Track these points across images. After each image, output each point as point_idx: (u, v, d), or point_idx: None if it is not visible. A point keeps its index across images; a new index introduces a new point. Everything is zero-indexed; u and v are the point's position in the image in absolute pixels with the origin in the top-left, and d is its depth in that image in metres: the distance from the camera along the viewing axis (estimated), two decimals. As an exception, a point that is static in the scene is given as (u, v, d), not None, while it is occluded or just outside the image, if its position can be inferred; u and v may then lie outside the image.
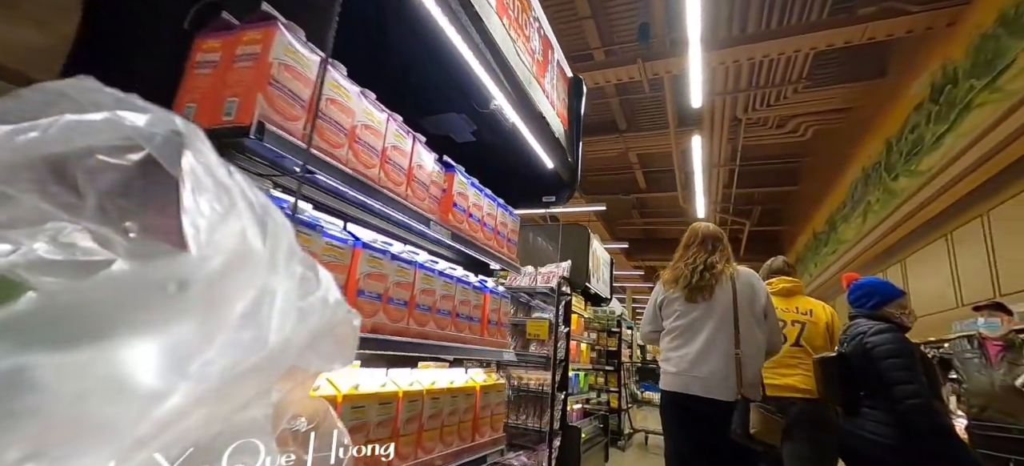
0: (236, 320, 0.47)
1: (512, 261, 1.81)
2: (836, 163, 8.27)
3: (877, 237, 6.53)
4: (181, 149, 0.49)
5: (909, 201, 5.44)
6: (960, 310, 5.06)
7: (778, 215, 13.56)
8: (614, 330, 6.38)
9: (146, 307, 0.41)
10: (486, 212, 1.69)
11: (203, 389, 0.43)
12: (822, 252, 9.58)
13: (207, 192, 0.48)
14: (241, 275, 0.49)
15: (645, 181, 13.01)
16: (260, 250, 0.51)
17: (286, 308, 0.52)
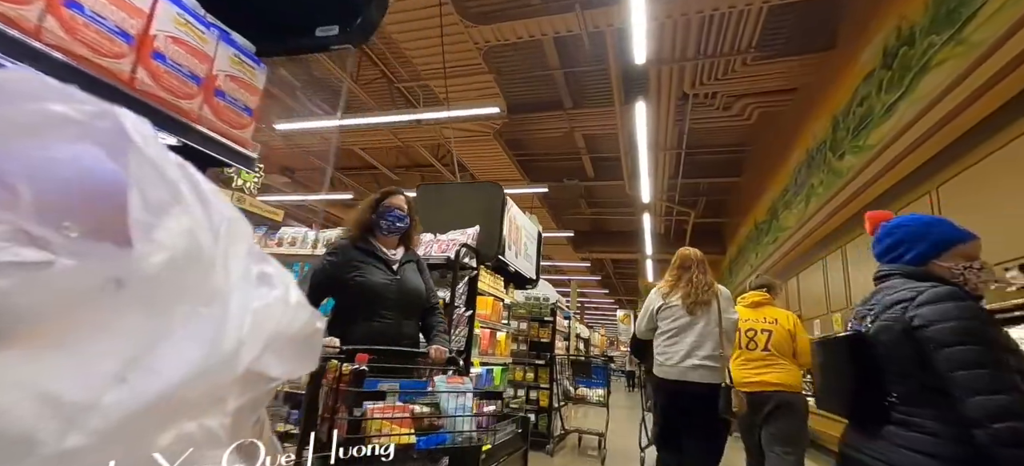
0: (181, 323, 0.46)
1: (244, 150, 0.93)
2: (780, 149, 8.05)
3: (819, 221, 6.26)
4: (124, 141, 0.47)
5: (855, 180, 5.12)
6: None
7: (721, 207, 13.57)
8: (547, 319, 5.67)
9: (78, 308, 0.40)
10: (168, 32, 0.81)
11: (140, 398, 0.41)
12: (763, 242, 9.44)
13: (153, 187, 0.47)
14: (188, 275, 0.48)
15: (593, 169, 12.51)
16: (211, 249, 0.50)
17: (240, 310, 0.51)
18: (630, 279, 22.83)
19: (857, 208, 5.49)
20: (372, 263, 2.02)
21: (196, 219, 0.49)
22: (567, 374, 5.54)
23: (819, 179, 6.17)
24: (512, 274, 3.89)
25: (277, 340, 0.56)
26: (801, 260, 8.12)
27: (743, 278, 11.36)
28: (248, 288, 0.53)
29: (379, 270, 2.02)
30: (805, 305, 8.04)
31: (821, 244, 7.01)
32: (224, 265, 0.51)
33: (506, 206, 3.35)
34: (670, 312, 2.43)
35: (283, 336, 0.57)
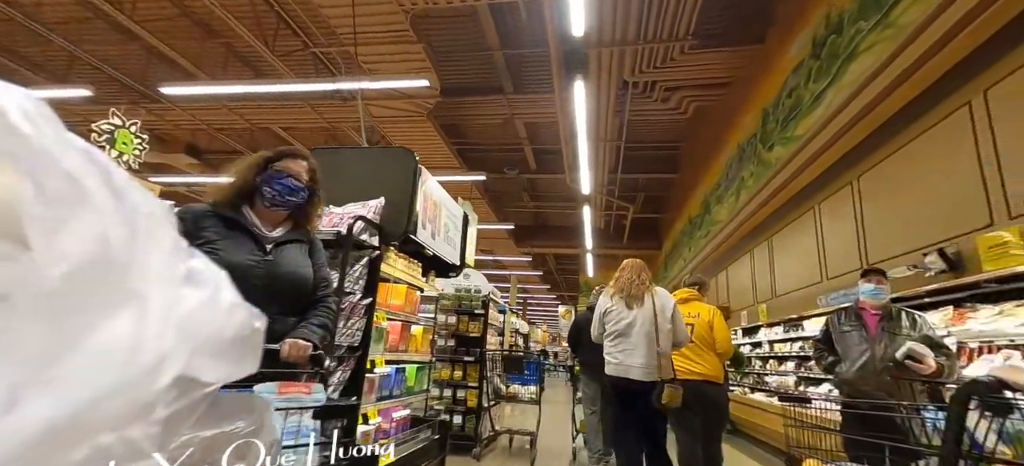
0: (89, 335, 0.44)
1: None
2: (713, 144, 8.20)
3: (749, 213, 6.35)
4: (18, 131, 0.43)
5: (783, 171, 5.17)
6: (825, 284, 4.87)
7: (659, 203, 13.89)
8: (478, 312, 5.24)
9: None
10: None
11: (36, 423, 0.39)
12: (696, 236, 9.66)
13: (54, 184, 0.44)
14: (97, 281, 0.45)
15: (535, 161, 12.27)
16: (125, 249, 0.48)
17: (162, 316, 0.49)
18: (572, 275, 23.06)
19: (785, 198, 5.59)
20: (234, 237, 1.48)
21: (106, 216, 0.46)
22: (498, 371, 5.15)
23: (750, 171, 6.26)
24: (431, 259, 3.41)
25: (210, 343, 0.54)
26: (730, 253, 8.34)
27: (677, 272, 11.65)
28: (172, 289, 0.51)
29: (243, 247, 1.48)
30: (734, 297, 8.27)
31: (749, 236, 7.18)
32: (143, 266, 0.48)
33: (420, 176, 2.86)
34: (613, 315, 2.76)
35: (217, 339, 0.55)
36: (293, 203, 1.54)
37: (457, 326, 5.15)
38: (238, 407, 0.75)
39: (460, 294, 5.33)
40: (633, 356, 2.59)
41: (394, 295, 3.12)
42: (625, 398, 2.67)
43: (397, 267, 3.04)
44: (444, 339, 5.18)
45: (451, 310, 5.21)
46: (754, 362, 7.27)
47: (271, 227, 1.56)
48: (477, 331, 5.16)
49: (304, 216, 1.63)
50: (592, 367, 4.17)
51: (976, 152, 2.94)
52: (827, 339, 3.10)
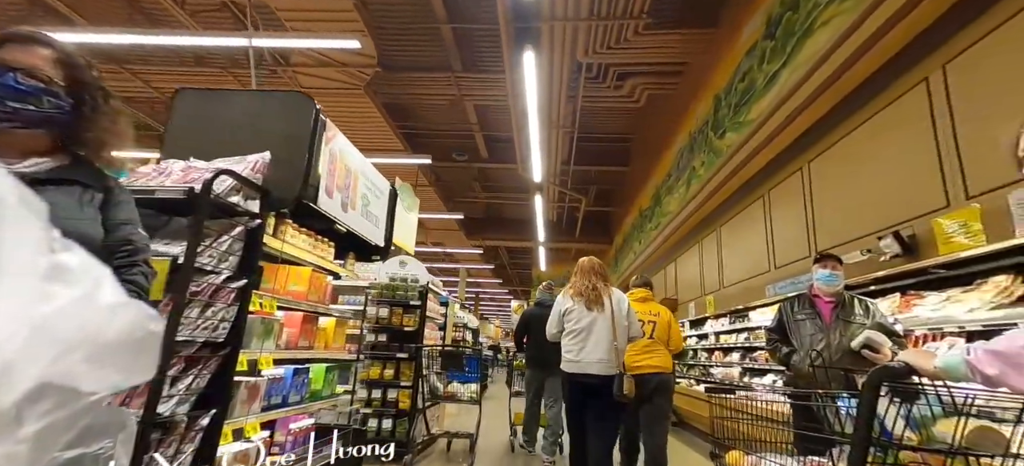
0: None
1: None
2: (665, 135, 8.10)
3: (699, 203, 6.25)
4: None
5: (734, 157, 5.04)
6: (773, 273, 4.78)
7: (610, 196, 13.88)
8: (414, 303, 4.70)
9: None
10: None
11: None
12: (646, 229, 9.60)
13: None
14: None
15: (487, 149, 11.79)
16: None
17: (12, 317, 0.44)
18: (525, 270, 22.85)
19: (735, 186, 5.49)
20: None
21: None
22: (436, 368, 4.64)
23: (701, 160, 6.15)
24: (346, 238, 2.85)
25: (86, 348, 0.49)
26: (680, 246, 8.31)
27: (628, 265, 11.63)
28: (30, 287, 0.46)
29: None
30: (682, 290, 8.25)
31: (699, 227, 7.12)
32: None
33: (323, 130, 2.30)
34: (573, 315, 2.84)
35: (95, 342, 0.50)
36: (30, 116, 0.96)
37: (389, 319, 4.59)
38: (109, 424, 0.66)
39: (395, 284, 4.77)
40: (594, 353, 2.74)
41: (294, 279, 2.54)
42: (584, 393, 2.79)
43: (297, 244, 2.47)
44: (374, 334, 4.60)
45: (383, 301, 4.64)
46: (700, 354, 7.24)
47: (15, 157, 0.98)
48: (412, 324, 4.62)
49: (78, 141, 1.06)
50: (537, 362, 4.36)
51: (933, 131, 2.81)
52: (780, 328, 2.88)
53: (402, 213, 5.63)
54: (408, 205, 5.73)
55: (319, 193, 2.24)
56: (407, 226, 5.83)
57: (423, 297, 4.77)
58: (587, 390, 2.73)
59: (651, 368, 3.16)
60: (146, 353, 0.55)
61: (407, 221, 5.82)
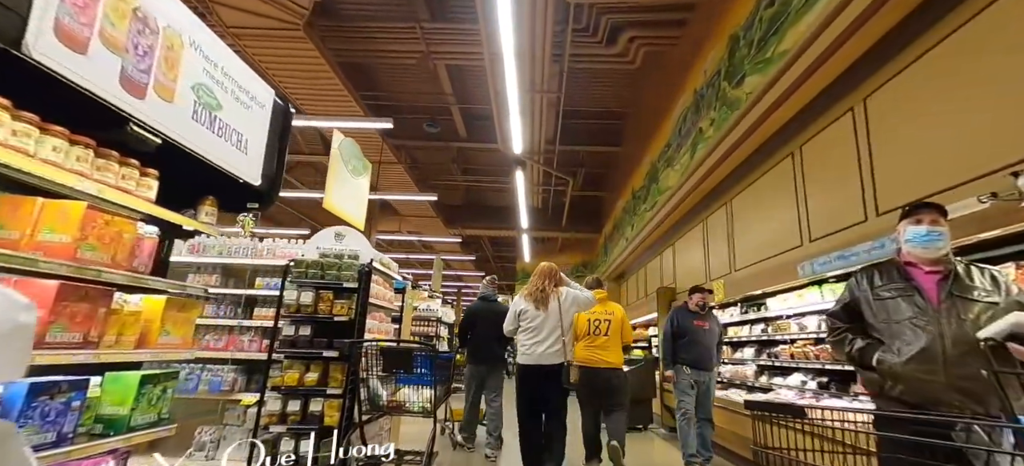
0: None
1: None
2: (664, 101, 7.10)
3: (706, 171, 5.25)
4: None
5: (755, 108, 4.05)
6: (807, 247, 3.80)
7: (600, 181, 12.88)
8: (349, 286, 3.59)
9: None
10: None
11: None
12: (639, 211, 8.62)
13: None
14: None
15: (465, 127, 10.69)
16: None
17: None
18: (509, 263, 21.82)
19: (756, 144, 4.50)
20: None
21: None
22: (378, 371, 3.56)
23: (709, 119, 5.15)
24: (194, 172, 1.74)
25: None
26: (679, 226, 7.35)
27: (619, 254, 10.67)
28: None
29: None
30: (682, 278, 7.29)
31: (705, 202, 6.14)
32: None
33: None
34: (528, 314, 3.27)
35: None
36: None
37: (314, 307, 3.48)
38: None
39: (326, 260, 3.65)
40: (544, 345, 3.14)
41: (51, 221, 1.42)
42: (536, 381, 3.16)
43: (53, 157, 1.36)
44: (294, 326, 3.49)
45: (306, 283, 3.52)
46: (703, 349, 6.30)
47: None
48: (345, 313, 3.52)
49: None
50: (478, 358, 4.41)
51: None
52: (852, 312, 1.88)
53: (346, 178, 4.51)
54: (355, 168, 4.62)
55: (30, 29, 1.12)
56: (355, 196, 4.72)
57: (363, 279, 3.67)
58: (541, 376, 3.15)
59: (606, 363, 3.62)
60: (14, 349, 0.47)
61: (355, 189, 4.71)
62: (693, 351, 4.09)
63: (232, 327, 3.79)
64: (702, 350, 4.10)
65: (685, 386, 4.09)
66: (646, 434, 6.46)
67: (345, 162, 4.33)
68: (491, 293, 4.69)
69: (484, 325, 4.34)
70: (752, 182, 4.85)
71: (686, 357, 4.11)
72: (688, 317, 4.17)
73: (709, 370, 4.13)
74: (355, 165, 4.57)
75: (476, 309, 4.51)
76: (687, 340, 4.10)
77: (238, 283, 4.07)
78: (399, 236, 15.70)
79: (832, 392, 3.65)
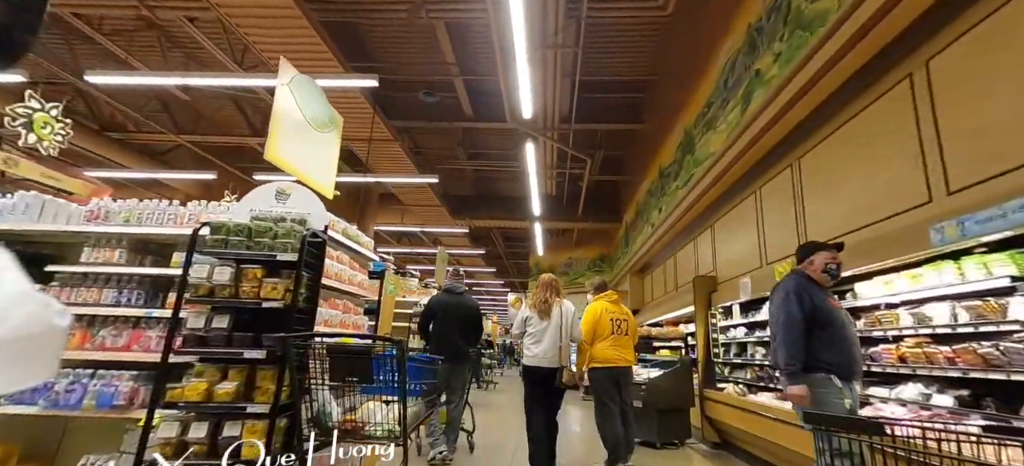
0: None
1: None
2: (702, 51, 5.94)
3: (768, 120, 4.10)
4: None
5: (850, 19, 2.88)
6: (943, 204, 2.64)
7: (620, 164, 11.71)
8: (285, 259, 2.56)
9: None
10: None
11: None
12: (669, 190, 7.45)
13: None
14: None
15: (471, 105, 9.66)
16: None
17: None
18: (522, 259, 20.72)
19: (847, 74, 3.33)
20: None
21: None
22: (326, 380, 2.52)
23: (772, 56, 4.00)
24: None
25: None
26: (721, 203, 6.17)
27: (642, 243, 9.50)
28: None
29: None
30: (724, 266, 6.12)
31: (759, 168, 4.96)
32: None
33: None
34: (532, 322, 3.70)
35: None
36: None
37: (236, 289, 2.45)
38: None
39: (255, 224, 2.61)
40: (543, 348, 3.61)
41: None
42: (538, 380, 3.64)
43: None
44: (207, 316, 2.46)
45: (225, 255, 2.50)
46: (755, 351, 5.13)
47: None
48: (280, 297, 2.48)
49: None
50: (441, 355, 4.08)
51: None
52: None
53: (304, 128, 3.49)
54: (316, 118, 3.60)
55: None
56: (317, 153, 3.70)
57: (311, 251, 2.63)
58: (540, 377, 3.62)
59: (624, 362, 3.93)
60: (45, 351, 0.50)
61: (317, 145, 3.69)
62: (843, 349, 2.41)
63: (138, 319, 2.80)
64: (854, 348, 2.49)
65: (840, 407, 2.36)
66: (684, 451, 5.33)
67: (300, 105, 3.31)
68: (457, 285, 4.32)
69: (447, 319, 4.08)
70: (837, 128, 3.67)
71: (833, 359, 2.40)
72: (820, 293, 2.52)
73: (860, 380, 2.61)
74: (316, 113, 3.56)
75: (438, 301, 4.20)
76: (832, 332, 2.41)
77: (158, 260, 3.08)
78: (400, 227, 14.74)
79: (989, 411, 2.48)
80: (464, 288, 4.36)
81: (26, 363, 0.48)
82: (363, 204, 12.41)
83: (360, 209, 12.35)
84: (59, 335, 0.51)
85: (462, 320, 4.08)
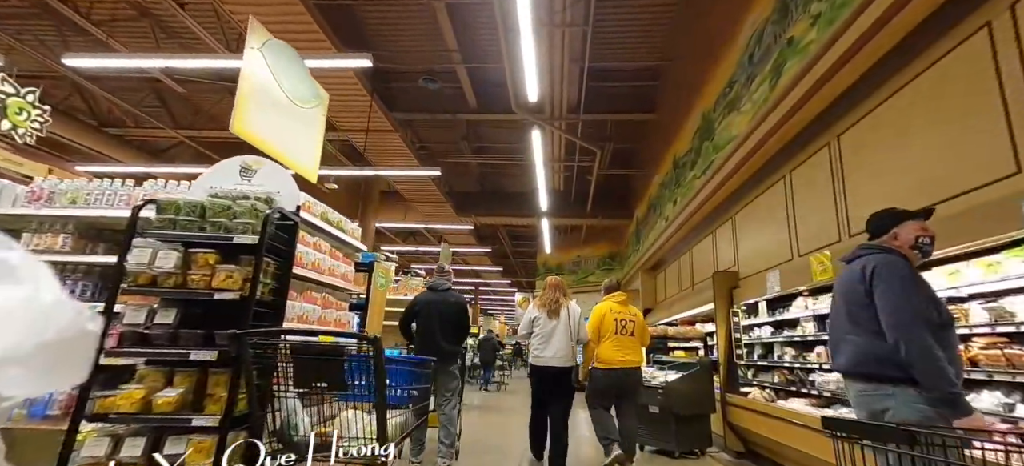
0: None
1: None
2: (724, 26, 5.48)
3: (803, 94, 3.63)
4: None
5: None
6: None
7: (630, 157, 11.22)
8: (244, 241, 2.16)
9: None
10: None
11: None
12: (685, 180, 6.98)
13: None
14: None
15: (475, 95, 9.26)
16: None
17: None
18: (530, 259, 20.29)
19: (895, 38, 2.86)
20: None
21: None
22: (289, 386, 2.12)
23: (809, 19, 3.54)
24: None
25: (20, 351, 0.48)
26: (741, 194, 5.70)
27: (655, 238, 9.03)
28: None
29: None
30: (746, 260, 5.65)
31: (789, 149, 4.48)
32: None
33: None
34: (540, 322, 3.76)
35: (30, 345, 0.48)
36: None
37: (183, 277, 2.06)
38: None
39: (210, 202, 2.22)
40: (555, 351, 3.65)
41: None
42: (546, 380, 3.69)
43: None
44: (151, 310, 2.08)
45: (169, 238, 2.10)
46: (784, 352, 4.64)
47: None
48: (237, 287, 2.09)
49: None
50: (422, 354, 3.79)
51: None
52: None
53: (280, 100, 3.11)
54: (294, 90, 3.22)
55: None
56: (294, 130, 3.31)
57: (281, 234, 2.24)
58: (550, 377, 3.65)
59: (633, 364, 3.83)
60: (81, 353, 0.54)
61: (296, 121, 3.30)
62: (957, 356, 1.83)
63: (83, 313, 2.45)
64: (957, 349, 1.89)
65: None
66: (705, 461, 4.86)
67: (274, 73, 2.92)
68: (442, 282, 4.05)
69: (431, 318, 3.84)
70: (890, 94, 3.19)
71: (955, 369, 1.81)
72: (922, 282, 1.90)
73: None
74: (296, 85, 3.17)
75: (420, 299, 3.97)
76: (950, 333, 1.82)
77: (112, 249, 2.71)
78: (403, 224, 14.39)
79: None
80: (449, 285, 4.07)
81: (65, 366, 0.52)
82: (364, 200, 12.06)
83: (362, 205, 12.00)
84: (92, 339, 0.55)
85: (443, 318, 3.77)
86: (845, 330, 1.89)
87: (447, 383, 3.79)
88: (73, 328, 0.52)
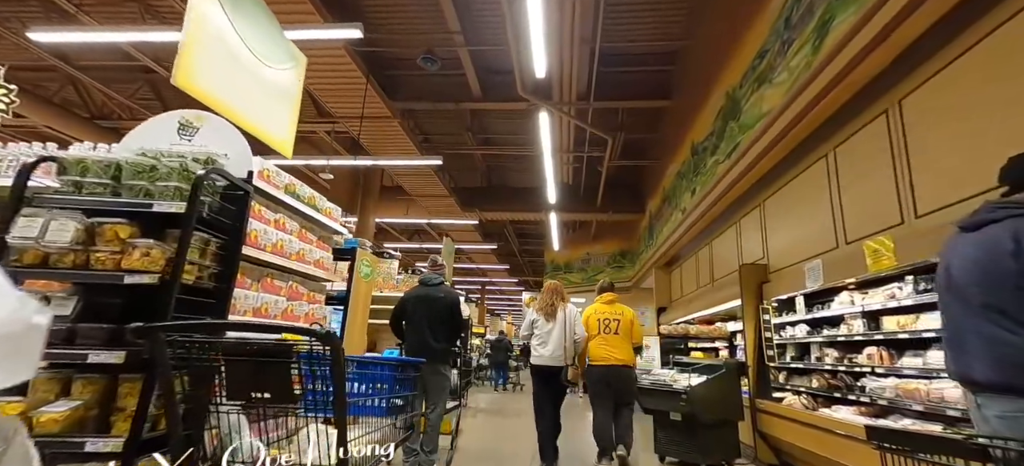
0: None
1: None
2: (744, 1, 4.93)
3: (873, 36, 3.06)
4: None
5: None
6: None
7: (643, 148, 10.65)
8: (167, 211, 1.68)
9: None
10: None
11: None
12: (706, 167, 6.43)
13: None
14: None
15: (479, 83, 8.75)
16: None
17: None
18: (537, 257, 19.76)
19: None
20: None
21: None
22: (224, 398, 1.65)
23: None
24: None
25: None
26: (771, 178, 5.13)
27: (670, 232, 8.48)
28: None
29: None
30: (777, 253, 5.09)
31: (836, 120, 3.92)
32: None
33: None
34: (539, 324, 3.98)
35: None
36: None
37: (86, 257, 1.59)
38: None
39: (127, 161, 1.75)
40: (549, 349, 3.86)
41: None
42: (544, 378, 3.90)
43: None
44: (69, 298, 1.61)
45: (68, 203, 1.63)
46: (825, 354, 4.08)
47: None
48: (156, 268, 1.61)
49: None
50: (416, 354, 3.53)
51: None
52: None
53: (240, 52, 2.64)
54: (264, 50, 2.76)
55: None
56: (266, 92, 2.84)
57: (227, 205, 1.76)
58: (547, 375, 3.87)
59: (619, 360, 4.00)
60: (26, 350, 0.50)
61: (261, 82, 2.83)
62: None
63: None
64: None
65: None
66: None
67: (235, 23, 2.45)
68: (434, 277, 3.79)
69: (417, 315, 3.56)
70: (979, 40, 2.63)
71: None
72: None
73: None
74: (262, 41, 2.69)
75: (411, 295, 3.74)
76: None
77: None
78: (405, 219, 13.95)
79: None
80: (440, 279, 3.81)
81: (8, 362, 0.47)
82: (364, 194, 11.61)
83: (361, 198, 11.56)
84: (39, 333, 0.51)
85: (432, 315, 3.51)
86: (978, 323, 1.35)
87: (438, 385, 3.49)
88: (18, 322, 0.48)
